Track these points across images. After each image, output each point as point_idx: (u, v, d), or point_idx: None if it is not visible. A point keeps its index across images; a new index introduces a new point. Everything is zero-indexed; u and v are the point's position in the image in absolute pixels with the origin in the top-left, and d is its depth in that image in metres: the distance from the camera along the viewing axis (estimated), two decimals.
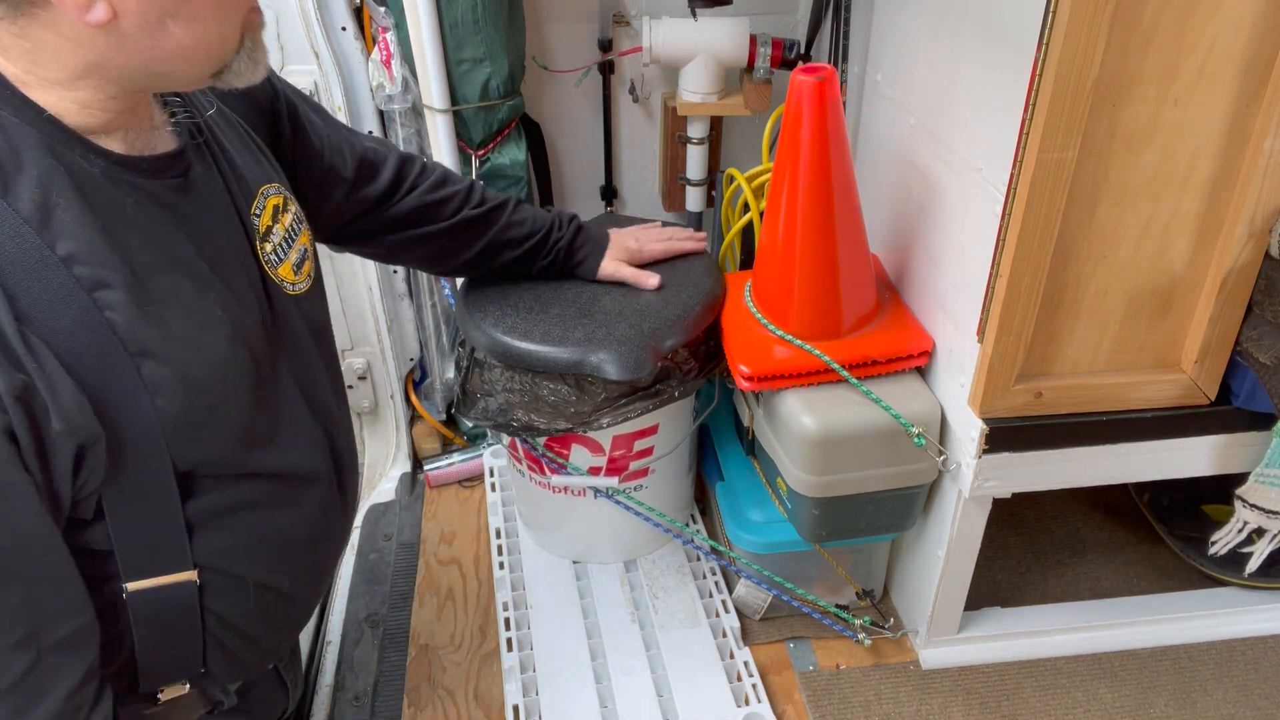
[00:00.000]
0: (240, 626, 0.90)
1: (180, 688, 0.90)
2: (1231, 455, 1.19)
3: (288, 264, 0.94)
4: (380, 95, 1.57)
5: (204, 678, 0.91)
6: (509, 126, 1.65)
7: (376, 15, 1.51)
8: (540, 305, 1.32)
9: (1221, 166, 0.99)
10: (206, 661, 0.89)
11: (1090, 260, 1.04)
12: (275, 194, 0.94)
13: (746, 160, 1.68)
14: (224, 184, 0.87)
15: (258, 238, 0.90)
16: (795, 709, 1.34)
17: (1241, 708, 1.33)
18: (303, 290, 0.96)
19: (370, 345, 1.78)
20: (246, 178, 0.90)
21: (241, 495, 0.86)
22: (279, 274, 0.92)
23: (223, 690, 0.96)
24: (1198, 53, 0.92)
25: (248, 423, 0.83)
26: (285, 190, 0.96)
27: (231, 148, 0.90)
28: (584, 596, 1.52)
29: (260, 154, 0.96)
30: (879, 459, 1.22)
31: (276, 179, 0.96)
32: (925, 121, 1.24)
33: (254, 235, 0.89)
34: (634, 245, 1.40)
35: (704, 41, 1.57)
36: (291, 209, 0.97)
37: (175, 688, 0.90)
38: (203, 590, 0.85)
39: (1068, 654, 1.41)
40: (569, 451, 1.43)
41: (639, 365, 1.23)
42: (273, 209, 0.93)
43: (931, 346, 1.25)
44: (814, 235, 1.17)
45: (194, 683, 0.91)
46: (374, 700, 1.40)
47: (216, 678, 0.92)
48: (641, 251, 1.40)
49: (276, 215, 0.93)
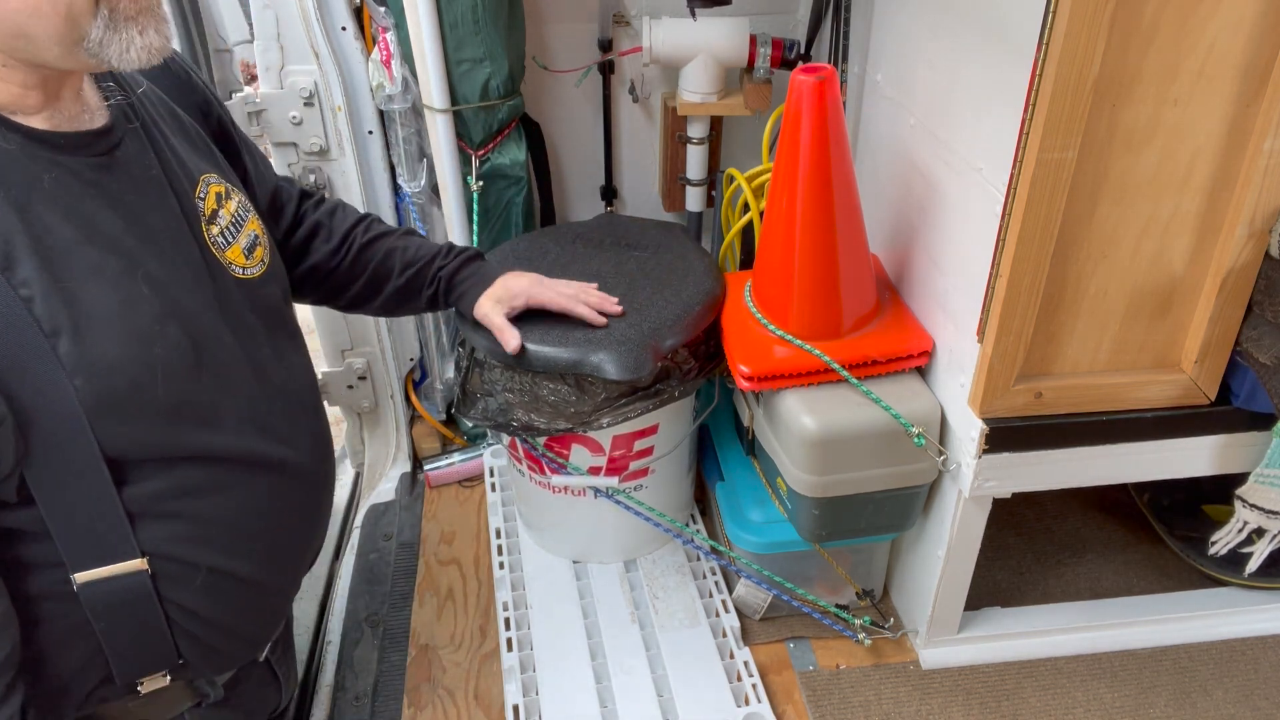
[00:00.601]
0: (205, 615, 0.89)
1: (160, 679, 0.90)
2: (1231, 455, 1.19)
3: (236, 247, 0.93)
4: (380, 95, 1.57)
5: (184, 669, 0.90)
6: (509, 126, 1.65)
7: (376, 15, 1.51)
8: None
9: (1221, 166, 0.99)
10: (180, 652, 0.88)
11: (1090, 260, 1.04)
12: (216, 182, 0.94)
13: (746, 160, 1.68)
14: (160, 166, 0.87)
15: (202, 220, 0.89)
16: (795, 709, 1.34)
17: (1241, 708, 1.33)
18: (255, 274, 0.95)
19: (370, 345, 1.78)
20: (187, 163, 0.90)
21: (184, 480, 0.84)
22: (226, 256, 0.92)
23: (208, 682, 0.95)
24: (1198, 53, 0.92)
25: (181, 403, 0.82)
26: (228, 182, 0.96)
27: (171, 134, 0.90)
28: (584, 596, 1.52)
29: (202, 146, 0.96)
30: (879, 459, 1.22)
31: (218, 170, 0.96)
32: (925, 121, 1.24)
33: (197, 218, 0.89)
34: (518, 288, 1.27)
35: (704, 41, 1.57)
36: (236, 198, 0.96)
37: (155, 679, 0.89)
38: (156, 579, 0.84)
39: (1068, 654, 1.41)
40: (569, 451, 1.43)
41: (639, 365, 1.23)
42: (215, 195, 0.93)
43: (931, 346, 1.25)
44: (814, 235, 1.17)
45: (174, 674, 0.90)
46: (374, 700, 1.40)
47: (197, 668, 0.92)
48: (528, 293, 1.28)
49: (220, 201, 0.93)
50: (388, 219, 1.72)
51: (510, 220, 1.73)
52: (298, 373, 1.01)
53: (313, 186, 1.61)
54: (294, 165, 1.60)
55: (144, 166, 0.85)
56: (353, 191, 1.63)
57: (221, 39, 1.49)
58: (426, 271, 1.25)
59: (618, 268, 1.42)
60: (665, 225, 1.57)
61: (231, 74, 1.53)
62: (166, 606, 0.85)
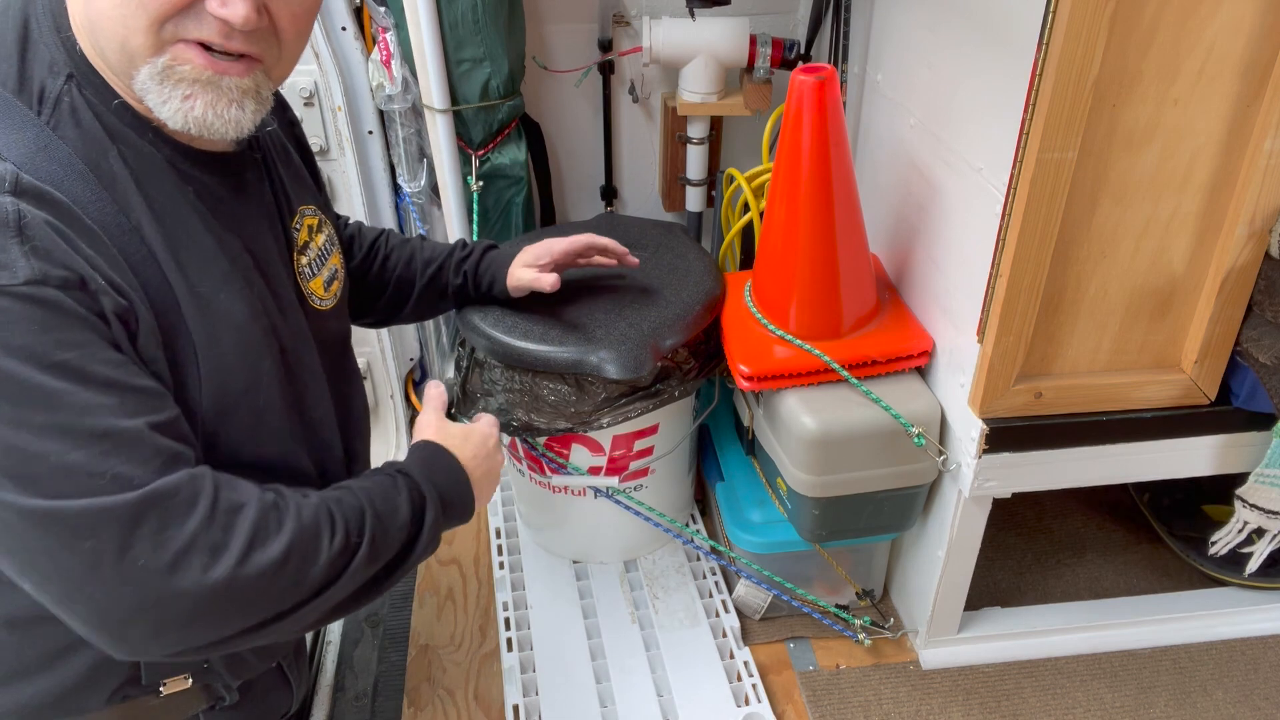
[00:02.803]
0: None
1: (183, 682, 0.91)
2: (1231, 455, 1.19)
3: (319, 279, 0.98)
4: (380, 95, 1.57)
5: (207, 672, 0.91)
6: (509, 126, 1.65)
7: (376, 15, 1.51)
8: (540, 305, 1.32)
9: (1221, 166, 0.99)
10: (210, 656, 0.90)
11: (1090, 260, 1.04)
12: (312, 215, 0.99)
13: (746, 160, 1.68)
14: (272, 195, 0.92)
15: (296, 249, 0.94)
16: (795, 709, 1.34)
17: (1241, 708, 1.33)
18: (329, 306, 1.00)
19: (370, 345, 1.78)
20: (290, 194, 0.95)
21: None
22: (309, 287, 0.96)
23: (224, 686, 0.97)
24: (1198, 53, 0.92)
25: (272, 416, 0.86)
26: (321, 214, 1.01)
27: (280, 164, 0.95)
28: (584, 596, 1.52)
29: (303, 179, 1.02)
30: (879, 459, 1.22)
31: (315, 203, 1.01)
32: (925, 121, 1.24)
33: (292, 246, 0.94)
34: (541, 249, 1.31)
35: (704, 41, 1.57)
36: (325, 231, 1.01)
37: (178, 681, 0.90)
38: None
39: (1068, 654, 1.41)
40: (569, 451, 1.43)
41: (639, 365, 1.23)
42: (308, 228, 0.98)
43: (931, 346, 1.25)
44: (814, 235, 1.17)
45: (196, 677, 0.91)
46: (374, 700, 1.40)
47: (218, 673, 0.93)
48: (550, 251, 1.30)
49: (312, 233, 0.98)
50: (388, 219, 1.73)
51: (510, 220, 1.73)
52: (358, 402, 1.07)
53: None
54: None
55: (261, 194, 0.90)
56: (353, 191, 1.63)
57: None
58: (448, 265, 1.29)
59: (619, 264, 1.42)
60: (665, 225, 1.57)
61: None
62: None
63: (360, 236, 1.25)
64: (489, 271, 1.31)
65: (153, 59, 0.73)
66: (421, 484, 0.88)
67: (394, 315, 1.30)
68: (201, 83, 0.74)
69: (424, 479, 0.89)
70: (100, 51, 0.75)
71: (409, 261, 1.27)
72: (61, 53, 0.75)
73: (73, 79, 0.74)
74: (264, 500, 0.75)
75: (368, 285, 1.25)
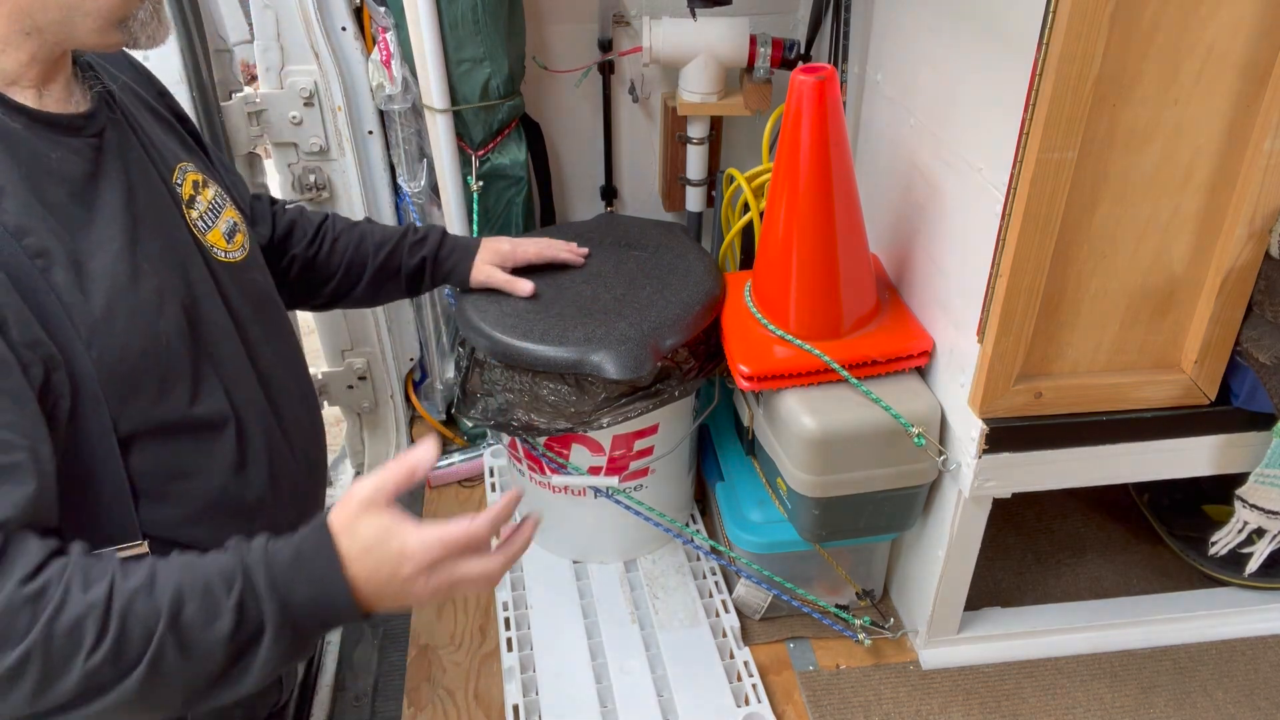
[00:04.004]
0: None
1: None
2: (1231, 455, 1.19)
3: (216, 231, 0.96)
4: (380, 95, 1.57)
5: None
6: (509, 126, 1.65)
7: (376, 15, 1.51)
8: (540, 304, 1.33)
9: (1221, 166, 0.99)
10: None
11: (1090, 260, 1.04)
12: (193, 171, 0.96)
13: (746, 160, 1.68)
14: (142, 150, 0.89)
15: (183, 204, 0.92)
16: (795, 709, 1.34)
17: (1241, 708, 1.33)
18: (237, 259, 0.98)
19: (370, 345, 1.78)
20: (163, 151, 0.93)
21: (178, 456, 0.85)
22: (208, 239, 0.94)
23: None
24: (1198, 53, 0.92)
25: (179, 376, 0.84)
26: (203, 171, 0.99)
27: (147, 125, 0.93)
28: (584, 596, 1.52)
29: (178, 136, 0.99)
30: (879, 459, 1.22)
31: (194, 160, 0.98)
32: (925, 121, 1.24)
33: (179, 200, 0.92)
34: (506, 248, 1.36)
35: (704, 41, 1.57)
36: (212, 187, 0.99)
37: None
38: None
39: (1068, 654, 1.41)
40: (569, 451, 1.43)
41: (639, 365, 1.23)
42: (192, 183, 0.95)
43: (931, 346, 1.25)
44: (814, 235, 1.17)
45: None
46: (374, 700, 1.40)
47: None
48: (514, 253, 1.36)
49: (198, 188, 0.96)
50: (387, 219, 1.72)
51: (510, 220, 1.73)
52: (287, 358, 1.03)
53: (313, 186, 1.62)
54: (294, 165, 1.60)
55: (127, 150, 0.87)
56: (353, 191, 1.63)
57: (221, 39, 1.49)
58: (401, 247, 1.29)
59: (618, 267, 1.42)
60: (665, 225, 1.57)
61: (231, 74, 1.53)
62: None
63: (303, 220, 1.25)
64: (450, 259, 1.33)
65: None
66: (264, 598, 0.70)
67: (343, 298, 1.30)
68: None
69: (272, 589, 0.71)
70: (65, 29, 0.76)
71: (359, 244, 1.27)
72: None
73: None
74: (19, 594, 0.65)
75: (316, 268, 1.24)
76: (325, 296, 1.28)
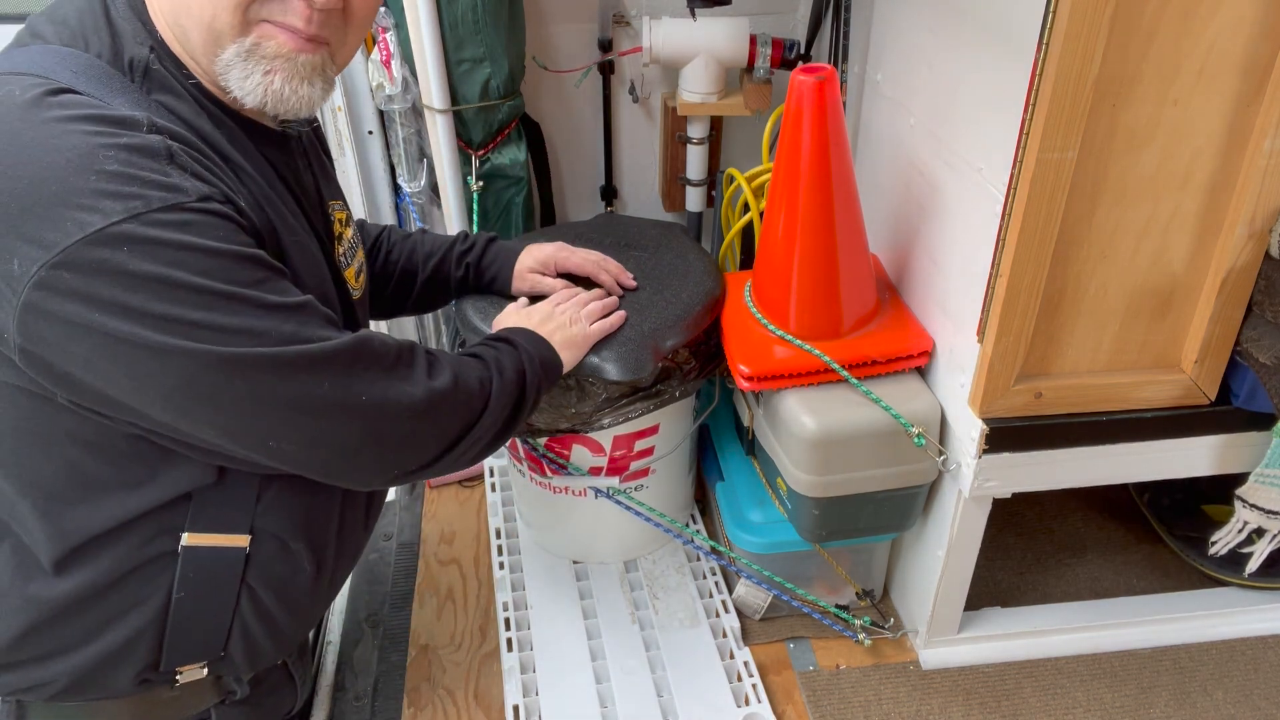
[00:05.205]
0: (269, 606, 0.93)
1: (199, 671, 0.93)
2: (1231, 455, 1.19)
3: (351, 269, 1.03)
4: (380, 95, 1.57)
5: (222, 661, 0.93)
6: (509, 126, 1.65)
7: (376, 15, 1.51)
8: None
9: (1221, 166, 0.99)
10: (228, 643, 0.92)
11: (1090, 260, 1.04)
12: (341, 209, 1.04)
13: (746, 160, 1.68)
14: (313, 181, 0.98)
15: (334, 238, 1.00)
16: (795, 709, 1.34)
17: (1241, 708, 1.33)
18: (358, 296, 1.05)
19: None
20: (323, 188, 1.01)
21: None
22: (346, 275, 1.01)
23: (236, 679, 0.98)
24: (1198, 53, 0.92)
25: None
26: (348, 210, 1.06)
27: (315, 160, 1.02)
28: (584, 596, 1.52)
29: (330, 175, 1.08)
30: (879, 459, 1.22)
31: (342, 199, 1.06)
32: (925, 121, 1.24)
33: (333, 234, 0.99)
34: (548, 253, 1.33)
35: (704, 41, 1.57)
36: (353, 225, 1.07)
37: (193, 670, 0.92)
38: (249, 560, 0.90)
39: (1068, 654, 1.41)
40: (569, 452, 1.43)
41: (639, 365, 1.23)
42: (339, 220, 1.02)
43: (931, 346, 1.25)
44: (814, 235, 1.17)
45: (212, 667, 0.93)
46: (374, 700, 1.40)
47: (233, 663, 0.94)
48: (557, 258, 1.32)
49: (343, 225, 1.03)
50: (387, 219, 1.73)
51: (510, 220, 1.73)
52: None
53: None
54: None
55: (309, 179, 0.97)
56: (353, 191, 1.63)
57: None
58: (450, 257, 1.33)
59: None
60: (665, 225, 1.57)
61: None
62: (242, 590, 0.90)
63: (362, 233, 1.28)
64: (493, 266, 1.33)
65: (239, 39, 0.80)
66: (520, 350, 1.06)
67: (397, 309, 1.34)
68: (282, 58, 0.82)
69: (523, 346, 1.07)
70: (181, 33, 0.81)
71: (410, 255, 1.30)
72: (142, 30, 0.81)
73: (154, 51, 0.80)
74: (418, 348, 0.91)
75: (372, 280, 1.27)
76: (379, 307, 1.32)
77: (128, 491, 0.83)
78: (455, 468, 0.95)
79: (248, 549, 0.89)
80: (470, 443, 0.93)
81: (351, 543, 1.04)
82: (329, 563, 0.98)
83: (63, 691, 0.88)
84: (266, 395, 0.76)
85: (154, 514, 0.85)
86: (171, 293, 0.71)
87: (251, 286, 0.75)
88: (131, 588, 0.86)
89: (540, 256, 1.32)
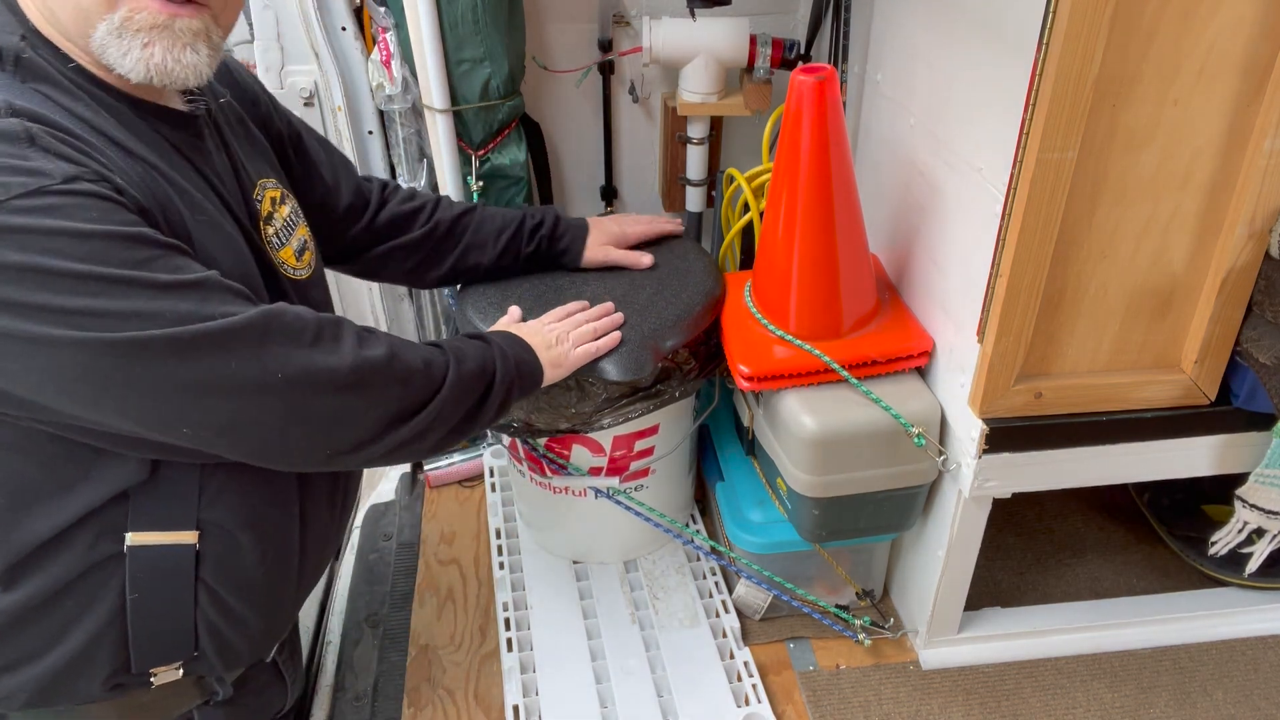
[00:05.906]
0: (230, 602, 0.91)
1: (174, 672, 0.91)
2: (1231, 455, 1.19)
3: (289, 249, 0.98)
4: (380, 95, 1.57)
5: (197, 661, 0.92)
6: (509, 126, 1.64)
7: (376, 15, 1.51)
8: (540, 305, 1.32)
9: (1221, 166, 0.99)
10: (198, 642, 0.90)
11: (1090, 260, 1.04)
12: (273, 187, 0.99)
13: (746, 160, 1.68)
14: (229, 162, 0.93)
15: (260, 219, 0.95)
16: (795, 709, 1.34)
17: (1241, 708, 1.33)
18: (304, 276, 1.00)
19: None
20: (248, 166, 0.96)
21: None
22: (280, 256, 0.96)
23: (217, 680, 0.97)
24: (1198, 53, 0.92)
25: None
26: (283, 187, 1.01)
27: (235, 138, 0.96)
28: (584, 596, 1.52)
29: (262, 152, 1.01)
30: (879, 459, 1.22)
31: (275, 176, 1.01)
32: (925, 121, 1.24)
33: (257, 216, 0.94)
34: (616, 229, 1.42)
35: (704, 41, 1.57)
36: (289, 203, 1.01)
37: (168, 671, 0.90)
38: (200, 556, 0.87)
39: (1068, 654, 1.41)
40: (569, 452, 1.43)
41: (639, 365, 1.23)
42: (271, 199, 0.98)
43: (931, 346, 1.25)
44: (814, 235, 1.17)
45: (187, 668, 0.91)
46: (374, 700, 1.40)
47: (209, 663, 0.93)
48: (625, 234, 1.42)
49: (275, 205, 0.98)
50: None
51: None
52: None
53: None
54: None
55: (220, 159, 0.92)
56: None
57: None
58: (522, 233, 1.36)
59: (618, 268, 1.42)
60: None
61: None
62: (199, 588, 0.88)
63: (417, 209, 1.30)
64: (564, 239, 1.38)
65: (108, 15, 0.76)
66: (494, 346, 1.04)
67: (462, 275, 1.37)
68: (158, 28, 0.78)
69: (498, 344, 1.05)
70: (52, 17, 0.78)
71: (478, 229, 1.34)
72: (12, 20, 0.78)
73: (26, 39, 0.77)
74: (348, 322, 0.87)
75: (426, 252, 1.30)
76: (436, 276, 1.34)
77: (64, 494, 0.81)
78: (410, 454, 0.91)
79: (197, 545, 0.86)
80: (420, 426, 0.89)
81: (318, 534, 1.01)
82: (292, 556, 0.96)
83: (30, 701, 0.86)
84: (170, 379, 0.73)
85: (95, 516, 0.83)
86: (48, 281, 0.68)
87: (136, 267, 0.72)
88: (83, 592, 0.84)
89: (610, 230, 1.41)
